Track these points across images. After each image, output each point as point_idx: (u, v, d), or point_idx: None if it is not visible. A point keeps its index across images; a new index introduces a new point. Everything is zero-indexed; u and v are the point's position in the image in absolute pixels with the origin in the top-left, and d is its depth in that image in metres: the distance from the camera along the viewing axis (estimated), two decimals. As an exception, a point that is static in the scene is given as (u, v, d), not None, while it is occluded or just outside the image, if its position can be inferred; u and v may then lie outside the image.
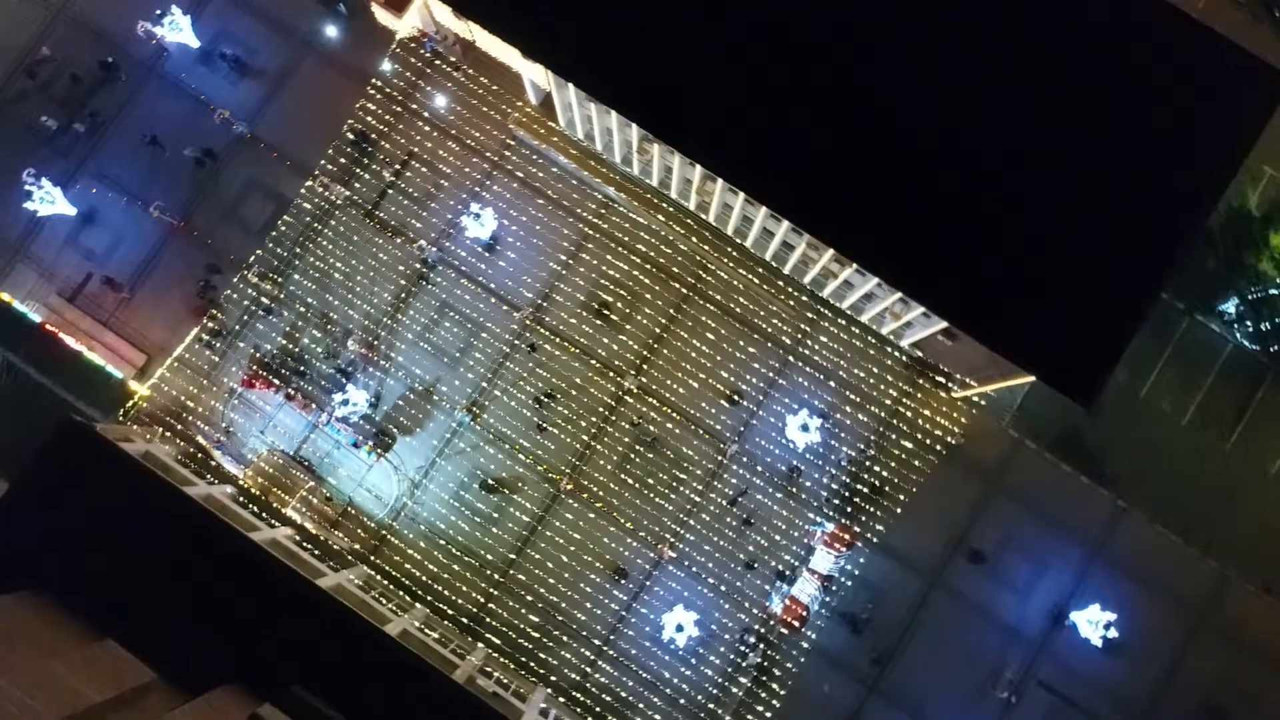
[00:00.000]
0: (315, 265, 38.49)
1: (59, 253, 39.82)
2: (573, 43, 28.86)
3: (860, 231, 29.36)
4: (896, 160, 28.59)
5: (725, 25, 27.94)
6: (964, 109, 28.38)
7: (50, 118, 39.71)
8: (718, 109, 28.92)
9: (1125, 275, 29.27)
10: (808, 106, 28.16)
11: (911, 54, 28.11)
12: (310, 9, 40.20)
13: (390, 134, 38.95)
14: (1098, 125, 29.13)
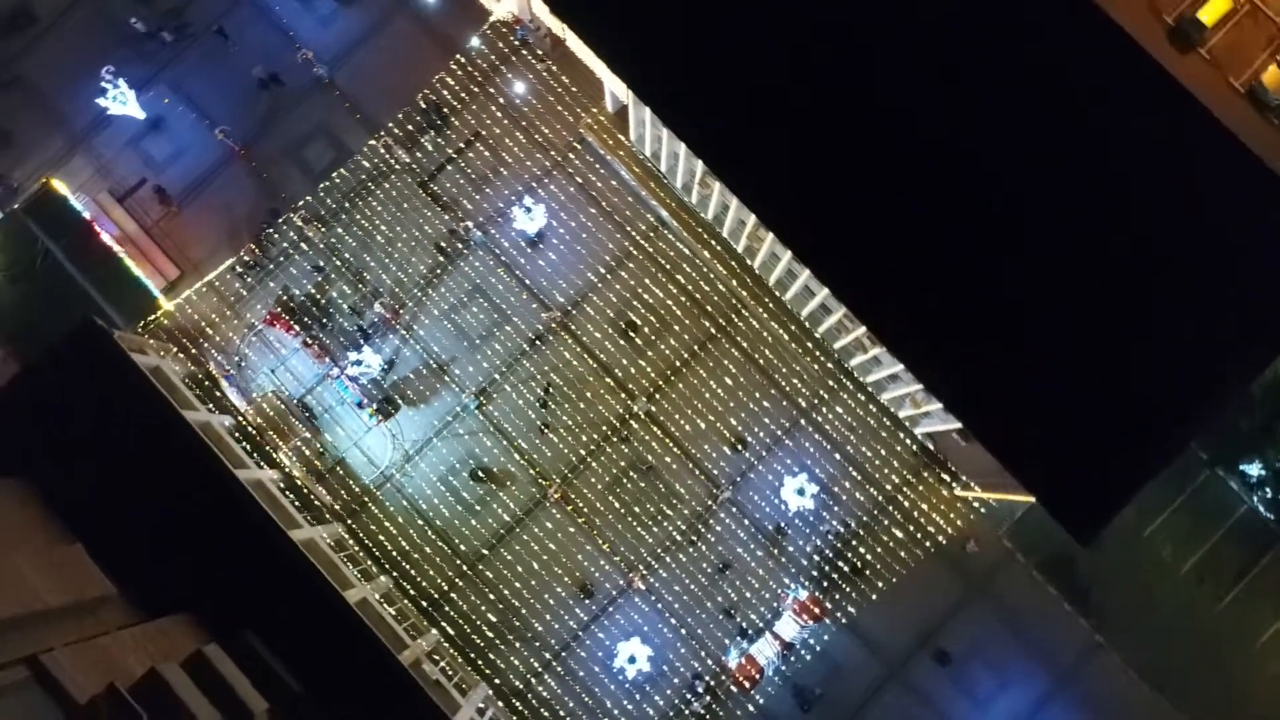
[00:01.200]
0: (361, 222, 38.64)
1: (119, 152, 40.32)
2: (658, 68, 28.67)
3: (895, 315, 28.98)
4: (951, 258, 28.18)
5: (813, 90, 27.63)
6: (1028, 222, 27.95)
7: (140, 20, 40.18)
8: (787, 166, 28.62)
9: (1157, 422, 28.67)
10: (875, 189, 27.80)
11: (981, 169, 27.74)
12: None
13: (463, 110, 39.01)
14: (1167, 256, 28.58)
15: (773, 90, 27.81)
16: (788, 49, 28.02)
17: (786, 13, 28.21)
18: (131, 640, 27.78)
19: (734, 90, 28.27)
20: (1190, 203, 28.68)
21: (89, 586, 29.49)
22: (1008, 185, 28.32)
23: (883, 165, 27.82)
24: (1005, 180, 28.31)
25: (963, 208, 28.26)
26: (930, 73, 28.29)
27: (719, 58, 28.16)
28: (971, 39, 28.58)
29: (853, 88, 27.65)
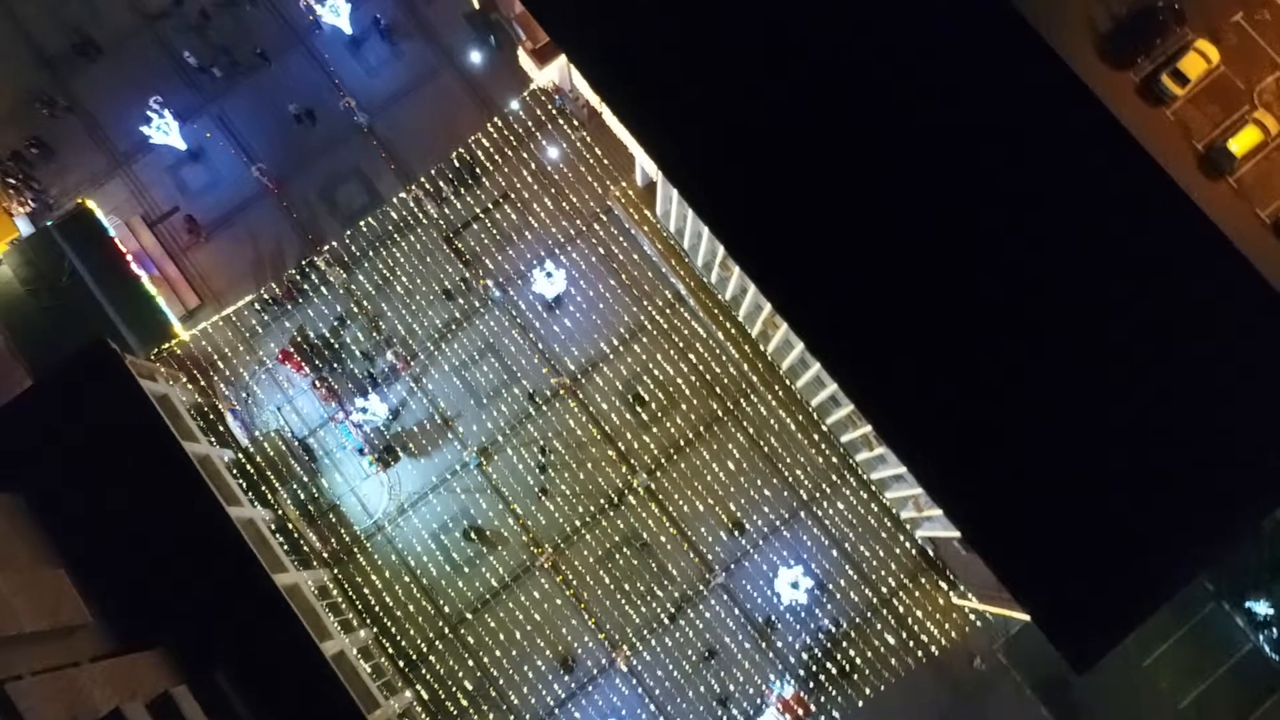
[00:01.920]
0: (383, 270, 38.96)
1: (156, 179, 41.06)
2: (688, 152, 29.04)
3: (902, 416, 28.72)
4: (965, 365, 28.03)
5: (840, 190, 27.89)
6: (1046, 337, 27.82)
7: (193, 55, 41.24)
8: (805, 260, 28.76)
9: (1166, 552, 28.08)
10: (893, 291, 27.83)
11: (1001, 278, 27.76)
12: (462, 30, 41.36)
13: (495, 170, 39.57)
14: (1185, 384, 28.27)
15: (801, 186, 28.08)
16: (818, 148, 28.38)
17: (820, 111, 28.66)
18: (101, 674, 27.32)
19: (761, 181, 28.57)
20: (1209, 331, 28.51)
21: (66, 612, 29.14)
22: (1027, 297, 28.29)
23: (902, 269, 27.89)
24: (1025, 292, 28.28)
25: (980, 316, 28.21)
26: (958, 179, 28.52)
27: (749, 148, 28.52)
28: (999, 149, 28.87)
29: (880, 191, 27.88)
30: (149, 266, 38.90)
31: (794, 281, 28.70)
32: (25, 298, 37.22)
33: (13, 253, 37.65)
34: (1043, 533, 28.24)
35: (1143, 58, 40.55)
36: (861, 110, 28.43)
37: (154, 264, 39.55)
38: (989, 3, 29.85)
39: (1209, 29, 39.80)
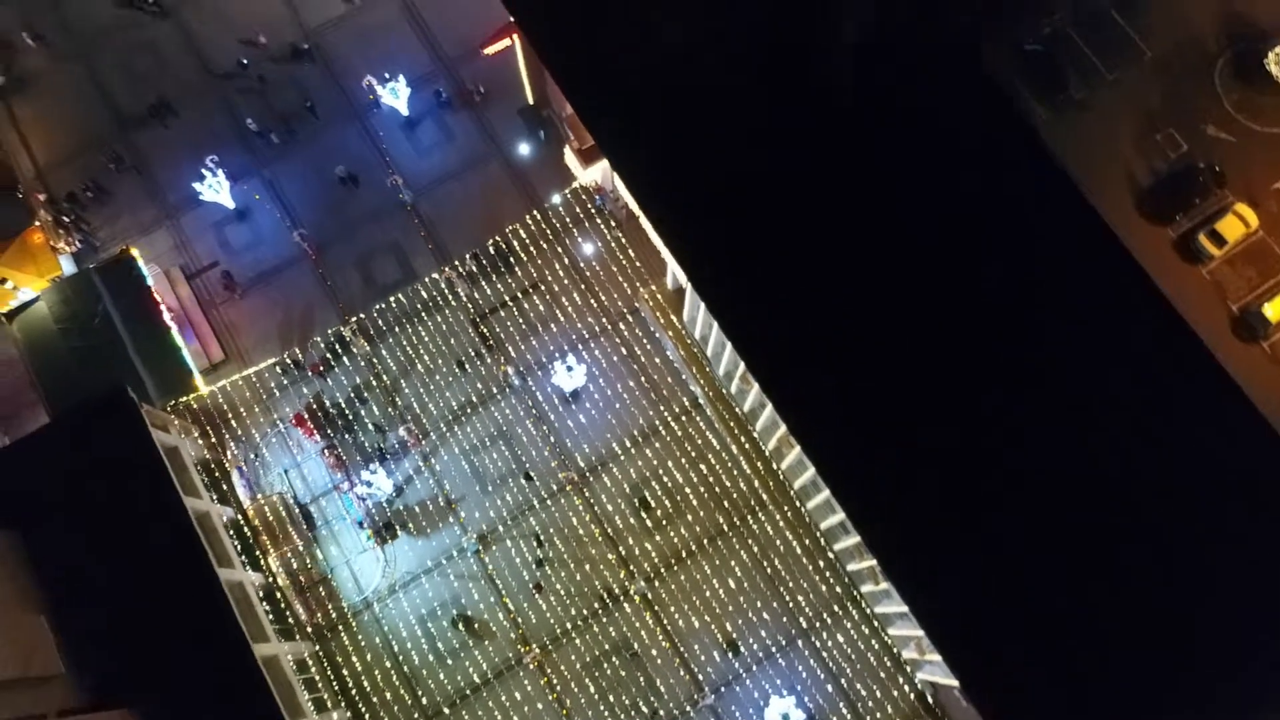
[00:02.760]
0: (407, 346, 39.25)
1: (201, 233, 42.12)
2: (721, 274, 29.20)
3: (914, 558, 27.90)
4: (982, 517, 27.34)
5: (867, 321, 27.85)
6: (1068, 503, 27.13)
7: (254, 120, 42.75)
8: (824, 384, 28.52)
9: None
10: (919, 436, 27.43)
11: (1022, 427, 27.31)
12: (515, 122, 42.55)
13: (529, 259, 40.12)
14: (1206, 554, 27.29)
15: (831, 318, 28.07)
16: (852, 285, 28.44)
17: (857, 251, 28.84)
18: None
19: (791, 307, 28.58)
20: (1232, 497, 27.68)
21: (39, 662, 28.67)
22: (1050, 450, 27.71)
23: (925, 411, 27.53)
24: (1048, 445, 27.72)
25: (1000, 466, 27.64)
26: (988, 324, 28.38)
27: (783, 275, 28.65)
28: (1027, 294, 28.74)
29: (911, 333, 27.74)
30: (181, 317, 39.52)
31: (812, 406, 28.36)
32: (56, 336, 37.81)
33: (52, 290, 38.48)
34: (1049, 693, 27.02)
35: (1181, 215, 40.75)
36: (896, 251, 28.56)
37: (187, 314, 40.23)
38: (1027, 147, 30.26)
39: (1249, 194, 40.03)
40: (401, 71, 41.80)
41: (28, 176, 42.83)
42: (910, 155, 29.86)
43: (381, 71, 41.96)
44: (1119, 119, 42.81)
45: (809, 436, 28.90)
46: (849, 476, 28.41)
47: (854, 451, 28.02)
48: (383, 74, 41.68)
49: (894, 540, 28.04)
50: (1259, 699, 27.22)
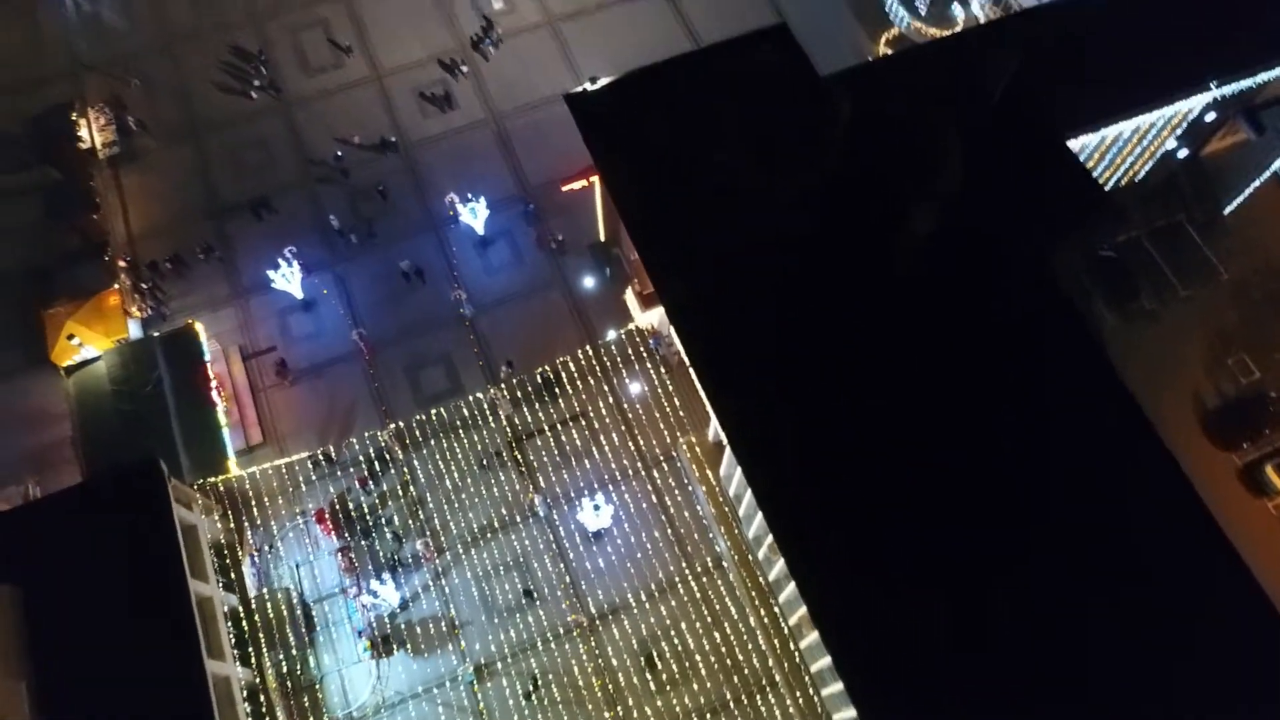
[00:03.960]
0: (440, 459, 39.14)
1: (265, 317, 43.26)
2: (759, 440, 28.72)
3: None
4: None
5: (911, 528, 26.87)
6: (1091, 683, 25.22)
7: (337, 219, 44.53)
8: (849, 566, 27.35)
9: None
10: (938, 628, 25.96)
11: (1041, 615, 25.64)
12: (584, 255, 43.53)
13: (575, 390, 40.17)
14: None
15: (867, 505, 27.22)
16: (892, 469, 27.68)
17: (895, 428, 28.21)
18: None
19: (827, 485, 27.83)
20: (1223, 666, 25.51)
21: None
22: (1094, 680, 25.90)
23: (965, 623, 26.12)
24: (1091, 673, 25.95)
25: (1036, 690, 25.88)
26: (1028, 540, 27.17)
27: (825, 456, 28.07)
28: (1079, 507, 27.56)
29: (951, 541, 26.70)
30: (230, 396, 40.16)
31: (840, 597, 27.14)
32: (107, 397, 38.57)
33: (114, 353, 39.56)
34: None
35: (1249, 444, 39.33)
36: (945, 449, 27.83)
37: (236, 393, 40.89)
38: (1088, 351, 29.69)
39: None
40: (484, 193, 43.39)
41: (118, 241, 44.88)
42: (967, 344, 29.57)
43: (465, 190, 43.65)
44: (1190, 336, 42.09)
45: (830, 626, 27.54)
46: (869, 681, 26.81)
47: (879, 654, 26.52)
48: (466, 193, 43.31)
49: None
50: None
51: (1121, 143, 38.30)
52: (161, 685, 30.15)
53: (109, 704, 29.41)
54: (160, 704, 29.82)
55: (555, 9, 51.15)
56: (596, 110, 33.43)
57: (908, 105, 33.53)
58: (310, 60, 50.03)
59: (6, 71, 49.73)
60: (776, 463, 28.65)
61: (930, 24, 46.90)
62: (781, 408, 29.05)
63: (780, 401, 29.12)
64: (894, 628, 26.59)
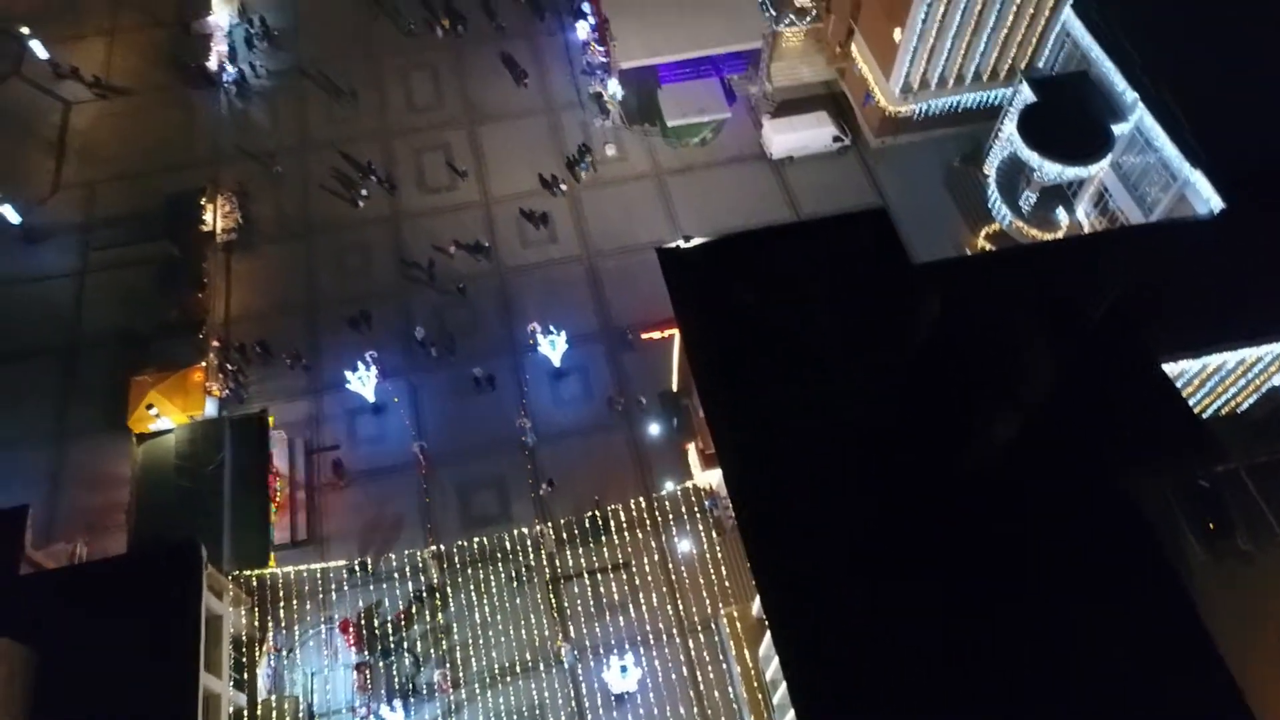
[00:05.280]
0: (475, 589, 38.24)
1: (334, 415, 44.02)
2: (803, 633, 27.10)
3: None
4: None
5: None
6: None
7: (423, 331, 45.68)
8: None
9: None
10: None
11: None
12: (653, 402, 43.31)
13: (623, 539, 39.16)
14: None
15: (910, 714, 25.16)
16: (943, 684, 25.63)
17: (950, 642, 26.26)
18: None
19: (871, 692, 25.88)
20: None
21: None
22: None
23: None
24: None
25: None
26: None
27: (865, 653, 26.23)
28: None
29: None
30: (283, 489, 40.44)
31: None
32: (170, 470, 39.23)
33: (185, 429, 40.50)
34: None
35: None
36: (1004, 669, 25.72)
37: (290, 487, 41.19)
38: (1169, 587, 27.46)
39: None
40: (566, 327, 44.02)
41: (215, 321, 46.84)
42: (1035, 561, 27.74)
43: (549, 321, 44.39)
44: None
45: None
46: None
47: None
48: (549, 324, 44.02)
49: None
50: None
51: (1224, 373, 36.73)
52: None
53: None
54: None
55: (664, 163, 53.13)
56: (685, 268, 33.81)
57: (1000, 305, 32.99)
58: (427, 179, 52.76)
59: (159, 154, 53.82)
60: (819, 660, 26.88)
61: (1033, 225, 46.71)
62: (831, 599, 27.47)
63: (830, 592, 27.57)
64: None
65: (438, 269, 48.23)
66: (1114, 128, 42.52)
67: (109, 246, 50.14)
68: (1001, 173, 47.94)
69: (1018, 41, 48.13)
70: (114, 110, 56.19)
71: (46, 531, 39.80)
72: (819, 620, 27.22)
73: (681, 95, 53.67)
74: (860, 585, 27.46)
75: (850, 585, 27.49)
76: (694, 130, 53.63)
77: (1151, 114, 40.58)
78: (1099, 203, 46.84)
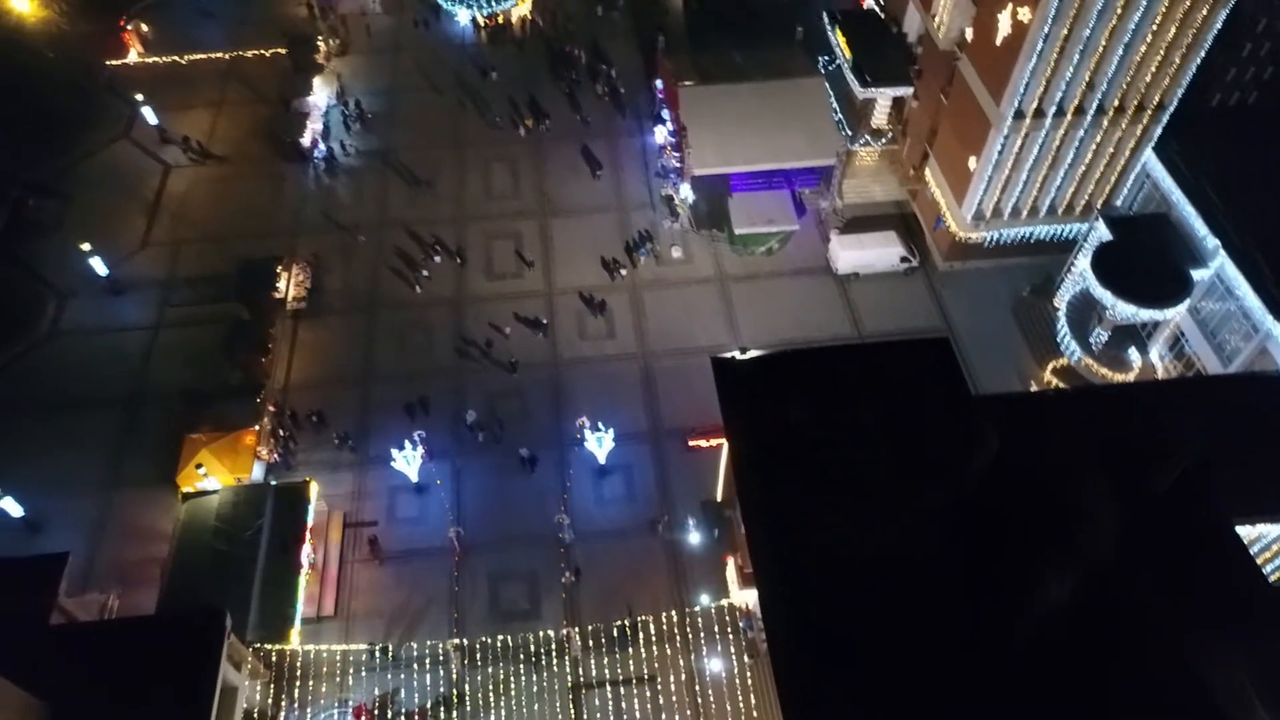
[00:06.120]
0: (494, 688, 37.07)
1: (376, 492, 43.97)
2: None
3: None
4: None
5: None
6: None
7: (473, 414, 45.81)
8: None
9: None
10: None
11: None
12: (695, 511, 42.33)
13: (650, 652, 37.76)
14: None
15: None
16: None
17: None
18: None
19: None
20: None
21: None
22: None
23: None
24: None
25: None
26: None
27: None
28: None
29: None
30: (317, 564, 40.22)
31: None
32: (208, 532, 39.40)
33: (230, 491, 40.84)
34: None
35: None
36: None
37: (324, 560, 40.99)
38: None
39: None
40: (615, 425, 43.67)
41: (274, 386, 47.72)
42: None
43: (598, 417, 44.12)
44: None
45: None
46: None
47: None
48: (598, 420, 43.74)
49: None
50: None
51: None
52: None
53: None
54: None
55: (729, 269, 53.41)
56: (739, 380, 33.36)
57: (1063, 448, 31.66)
58: (495, 265, 53.84)
59: (244, 220, 56.09)
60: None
61: (1103, 363, 45.29)
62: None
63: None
64: None
65: (494, 348, 48.77)
66: (1193, 273, 41.41)
67: (184, 304, 51.97)
68: (1072, 307, 46.88)
69: (1095, 178, 47.65)
70: (209, 176, 59.06)
71: (84, 578, 40.10)
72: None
73: (751, 204, 54.25)
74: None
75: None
76: (761, 239, 53.97)
77: (1234, 262, 39.50)
78: (1174, 346, 45.33)
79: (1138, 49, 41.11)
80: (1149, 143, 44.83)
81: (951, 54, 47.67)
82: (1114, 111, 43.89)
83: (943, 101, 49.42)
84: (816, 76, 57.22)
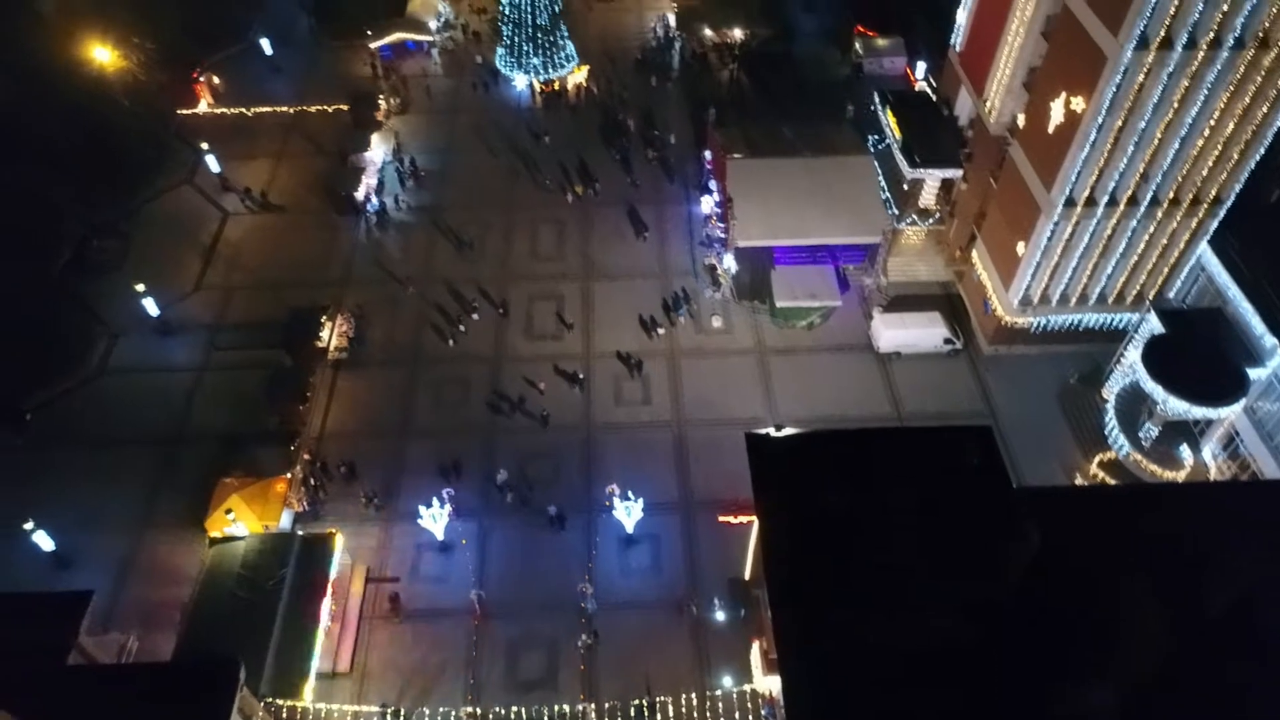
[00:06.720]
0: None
1: (401, 547, 43.64)
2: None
3: None
4: None
5: None
6: None
7: (504, 474, 45.51)
8: None
9: None
10: None
11: None
12: (720, 587, 41.29)
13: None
14: None
15: None
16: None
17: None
18: None
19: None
20: None
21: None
22: None
23: None
24: None
25: None
26: None
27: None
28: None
29: None
30: (336, 616, 39.82)
31: None
32: (231, 579, 39.18)
33: (256, 539, 40.79)
34: None
35: None
36: None
37: (343, 614, 40.57)
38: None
39: None
40: (645, 494, 43.02)
41: (309, 435, 48.01)
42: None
43: (629, 485, 43.54)
44: None
45: None
46: None
47: None
48: (628, 489, 43.15)
49: None
50: None
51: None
52: None
53: None
54: None
55: (769, 341, 53.03)
56: (773, 458, 32.68)
57: (1108, 550, 30.31)
58: (535, 326, 54.08)
59: (295, 268, 57.25)
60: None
61: (1152, 460, 43.75)
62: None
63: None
64: None
65: (526, 403, 48.93)
66: (1250, 371, 40.09)
67: (230, 348, 52.86)
68: (1121, 400, 45.59)
69: (1148, 269, 46.70)
70: (265, 224, 60.58)
71: (106, 617, 40.12)
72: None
73: (794, 278, 54.00)
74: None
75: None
76: (803, 314, 53.59)
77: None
78: (1228, 445, 43.74)
79: (1194, 143, 40.52)
80: (1204, 236, 43.93)
81: (1003, 139, 47.54)
82: (1169, 203, 43.14)
83: (992, 185, 49.13)
84: (865, 154, 57.41)
